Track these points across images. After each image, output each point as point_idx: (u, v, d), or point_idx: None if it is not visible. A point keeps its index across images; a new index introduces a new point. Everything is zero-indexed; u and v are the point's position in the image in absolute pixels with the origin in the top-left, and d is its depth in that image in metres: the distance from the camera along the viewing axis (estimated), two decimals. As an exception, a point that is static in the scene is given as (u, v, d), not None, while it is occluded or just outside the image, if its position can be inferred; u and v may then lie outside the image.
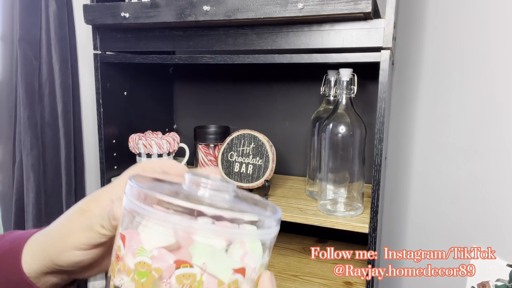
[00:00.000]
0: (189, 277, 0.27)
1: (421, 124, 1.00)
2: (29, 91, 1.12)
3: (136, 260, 0.27)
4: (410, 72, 1.00)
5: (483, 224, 0.86)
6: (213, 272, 0.27)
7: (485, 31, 0.84)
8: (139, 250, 0.27)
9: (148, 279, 0.27)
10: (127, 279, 0.27)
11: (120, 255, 0.28)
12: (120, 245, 0.28)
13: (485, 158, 0.85)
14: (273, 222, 0.32)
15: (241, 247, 0.29)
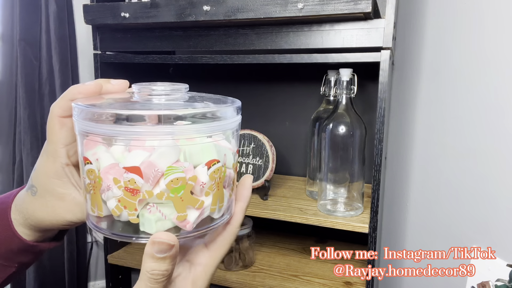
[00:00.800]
0: (218, 171, 0.30)
1: (421, 124, 1.00)
2: (29, 91, 1.12)
3: (168, 179, 0.28)
4: (410, 72, 1.00)
5: (483, 224, 0.86)
6: (228, 162, 0.31)
7: (485, 31, 0.84)
8: (168, 169, 0.28)
9: (186, 190, 0.28)
10: (159, 201, 0.28)
11: (139, 187, 0.28)
12: (133, 178, 0.28)
13: (485, 158, 0.85)
14: (234, 112, 0.32)
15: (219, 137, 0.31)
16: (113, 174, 0.28)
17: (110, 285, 1.04)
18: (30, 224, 0.39)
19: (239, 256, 0.97)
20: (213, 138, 0.30)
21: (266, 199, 0.90)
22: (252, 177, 0.36)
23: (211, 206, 0.30)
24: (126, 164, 0.28)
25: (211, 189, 0.30)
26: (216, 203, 0.31)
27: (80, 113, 0.29)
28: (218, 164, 0.30)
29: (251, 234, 0.98)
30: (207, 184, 0.29)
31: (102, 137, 0.29)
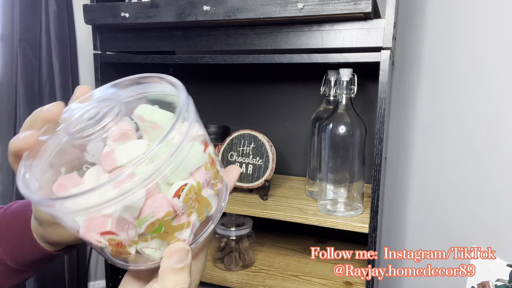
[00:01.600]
0: (190, 191, 0.28)
1: (421, 124, 1.00)
2: (29, 91, 1.12)
3: (143, 228, 0.27)
4: (410, 72, 1.00)
5: (483, 224, 0.86)
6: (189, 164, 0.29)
7: (485, 31, 0.84)
8: (139, 221, 0.27)
9: (166, 225, 0.27)
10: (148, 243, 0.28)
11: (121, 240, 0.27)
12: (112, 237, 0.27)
13: (485, 158, 0.85)
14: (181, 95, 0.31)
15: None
16: (93, 238, 0.27)
17: (110, 285, 1.04)
18: (46, 243, 0.42)
19: (239, 256, 0.97)
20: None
21: (266, 199, 0.90)
22: (239, 169, 0.34)
23: (199, 218, 0.30)
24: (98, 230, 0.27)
25: (191, 208, 0.28)
26: (203, 213, 0.30)
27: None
28: (187, 186, 0.28)
29: (251, 234, 0.98)
30: (184, 208, 0.28)
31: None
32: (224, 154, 0.93)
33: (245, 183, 0.91)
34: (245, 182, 0.91)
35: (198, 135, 0.30)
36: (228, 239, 0.96)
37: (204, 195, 0.29)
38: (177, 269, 0.27)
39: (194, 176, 0.29)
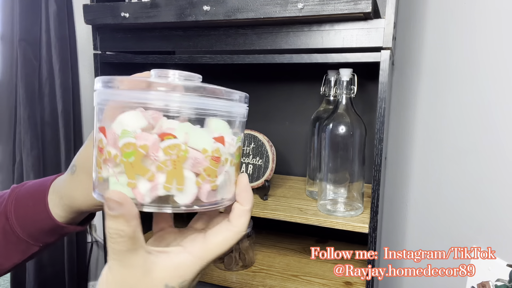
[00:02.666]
0: (174, 147, 0.29)
1: (421, 124, 1.00)
2: (29, 91, 1.12)
3: (121, 142, 0.28)
4: (410, 72, 1.00)
5: (483, 224, 0.86)
6: (196, 141, 0.30)
7: (485, 31, 0.84)
8: (122, 133, 0.29)
9: (136, 157, 0.28)
10: (114, 164, 0.29)
11: (103, 146, 0.30)
12: (101, 138, 0.30)
13: (485, 158, 0.85)
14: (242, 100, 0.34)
15: (211, 123, 0.32)
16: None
17: (110, 285, 1.04)
18: (64, 204, 0.44)
19: (239, 256, 0.97)
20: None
21: (266, 199, 0.90)
22: (247, 176, 0.35)
23: (164, 184, 0.29)
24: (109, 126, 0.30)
25: (164, 165, 0.29)
26: (171, 183, 0.29)
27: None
28: (175, 140, 0.29)
29: (251, 234, 0.98)
30: (159, 157, 0.29)
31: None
32: (224, 154, 0.93)
33: (245, 183, 0.91)
34: (245, 182, 0.91)
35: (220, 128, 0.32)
36: (228, 239, 0.96)
37: (183, 167, 0.29)
38: (110, 216, 0.28)
39: (190, 146, 0.30)
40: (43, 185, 0.46)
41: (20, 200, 0.45)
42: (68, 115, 1.17)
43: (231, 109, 0.32)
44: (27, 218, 0.44)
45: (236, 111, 0.33)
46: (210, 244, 0.32)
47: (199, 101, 0.30)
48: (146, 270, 0.30)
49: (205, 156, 0.30)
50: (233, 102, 0.33)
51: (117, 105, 0.30)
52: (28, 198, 0.45)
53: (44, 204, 0.44)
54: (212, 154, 0.30)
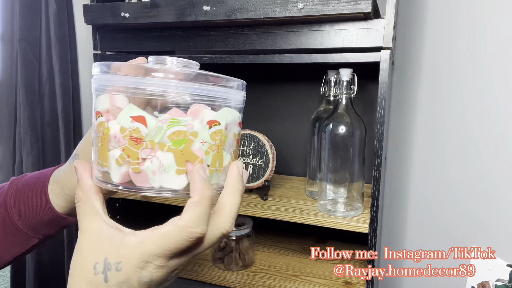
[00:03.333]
0: (219, 133, 0.32)
1: (421, 124, 1.00)
2: (29, 91, 1.12)
3: (170, 131, 0.30)
4: (410, 72, 1.00)
5: (483, 224, 0.86)
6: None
7: (485, 31, 0.84)
8: (172, 121, 0.30)
9: (186, 144, 0.30)
10: (161, 153, 0.30)
11: (143, 136, 0.30)
12: (139, 127, 0.30)
13: (485, 158, 0.85)
14: (241, 87, 0.36)
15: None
16: (120, 123, 0.30)
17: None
18: (65, 193, 0.45)
19: (239, 256, 0.97)
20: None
21: (266, 199, 0.90)
22: (202, 166, 0.31)
23: (210, 167, 0.31)
24: (133, 113, 0.30)
25: (211, 149, 0.31)
26: (215, 165, 0.31)
27: (99, 68, 0.32)
28: (219, 126, 0.31)
29: (251, 234, 0.98)
30: (207, 142, 0.31)
31: (117, 89, 0.31)
32: (224, 154, 0.93)
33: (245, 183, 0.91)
34: (245, 182, 0.91)
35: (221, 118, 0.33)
36: (228, 239, 0.96)
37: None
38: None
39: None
40: (43, 176, 0.46)
41: (20, 192, 0.46)
42: (68, 115, 1.17)
43: (228, 95, 0.33)
44: (27, 209, 0.45)
45: (233, 97, 0.34)
46: (153, 233, 0.30)
47: (196, 87, 0.31)
48: (99, 239, 0.30)
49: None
50: (231, 90, 0.34)
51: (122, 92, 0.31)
52: (27, 189, 0.46)
53: (44, 194, 0.45)
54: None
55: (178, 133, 0.30)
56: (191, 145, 0.30)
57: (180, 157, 0.30)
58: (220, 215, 0.32)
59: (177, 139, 0.30)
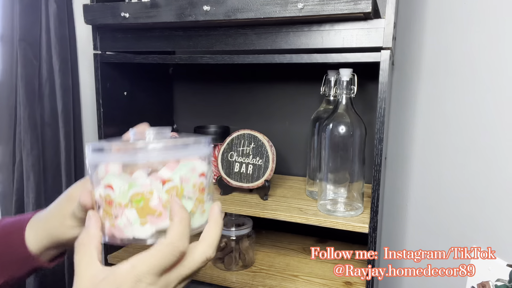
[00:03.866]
0: (173, 189, 0.38)
1: (421, 124, 1.00)
2: (29, 91, 1.12)
3: (130, 193, 0.37)
4: (410, 72, 1.00)
5: (483, 224, 0.86)
6: (187, 179, 0.39)
7: (485, 31, 0.84)
8: (130, 184, 0.38)
9: (145, 202, 0.37)
10: (127, 210, 0.38)
11: (112, 198, 0.38)
12: (109, 193, 0.38)
13: (485, 158, 0.85)
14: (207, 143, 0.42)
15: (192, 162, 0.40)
16: (99, 191, 0.40)
17: (110, 285, 1.04)
18: (45, 233, 0.48)
19: (239, 256, 0.97)
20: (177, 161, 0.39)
21: (266, 199, 0.90)
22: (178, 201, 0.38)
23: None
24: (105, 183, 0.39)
25: (168, 202, 0.38)
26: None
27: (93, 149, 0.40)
28: (172, 183, 0.38)
29: (251, 234, 0.98)
30: (163, 198, 0.38)
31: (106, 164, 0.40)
32: (224, 154, 0.93)
33: (245, 183, 0.91)
34: (245, 182, 0.91)
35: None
36: (228, 239, 0.96)
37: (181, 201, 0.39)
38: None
39: (182, 181, 0.39)
40: (22, 219, 0.50)
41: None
42: (68, 115, 1.17)
43: (189, 152, 0.40)
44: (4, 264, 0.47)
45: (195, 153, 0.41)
46: (143, 255, 0.35)
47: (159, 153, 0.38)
48: (94, 283, 0.35)
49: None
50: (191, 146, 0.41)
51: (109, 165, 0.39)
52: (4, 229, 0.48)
53: (21, 233, 0.48)
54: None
55: (136, 194, 0.37)
56: (149, 202, 0.37)
57: (141, 212, 0.37)
58: (205, 242, 0.38)
59: (137, 199, 0.37)
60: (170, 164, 0.39)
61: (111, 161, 0.39)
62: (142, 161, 0.38)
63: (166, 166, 0.38)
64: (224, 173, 0.92)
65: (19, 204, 1.16)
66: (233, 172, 0.92)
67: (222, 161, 0.93)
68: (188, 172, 0.39)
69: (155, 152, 0.38)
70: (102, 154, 0.39)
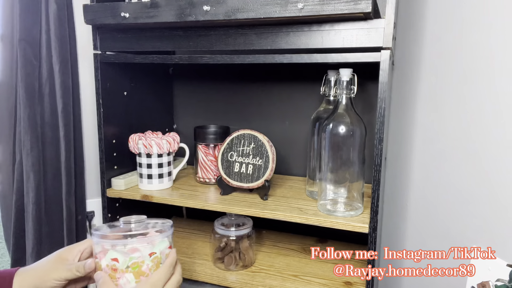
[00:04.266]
0: (155, 258, 0.66)
1: (421, 124, 1.00)
2: (29, 91, 1.12)
3: (131, 263, 0.64)
4: (410, 72, 1.00)
5: (483, 224, 0.86)
6: (163, 252, 0.68)
7: (485, 31, 0.84)
8: (130, 258, 0.64)
9: (139, 268, 0.64)
10: (126, 274, 0.64)
11: (117, 267, 0.64)
12: (115, 263, 0.64)
13: (485, 158, 0.85)
14: (169, 229, 0.71)
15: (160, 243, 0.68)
16: (106, 262, 0.65)
17: (110, 285, 1.04)
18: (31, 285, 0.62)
19: (239, 256, 0.97)
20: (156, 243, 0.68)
21: (266, 199, 0.90)
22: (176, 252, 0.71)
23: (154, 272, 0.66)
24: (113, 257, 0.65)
25: (153, 266, 0.65)
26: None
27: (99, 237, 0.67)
28: (156, 254, 0.66)
29: (251, 234, 0.98)
30: (150, 264, 0.65)
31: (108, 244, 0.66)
32: (224, 154, 0.93)
33: (245, 183, 0.91)
34: (245, 182, 0.91)
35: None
36: (228, 239, 0.96)
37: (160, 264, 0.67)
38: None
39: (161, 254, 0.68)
40: (9, 270, 0.62)
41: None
42: (68, 115, 1.17)
43: (160, 236, 0.68)
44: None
45: (164, 235, 0.69)
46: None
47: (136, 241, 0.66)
48: None
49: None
50: (161, 234, 0.68)
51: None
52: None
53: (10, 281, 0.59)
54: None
55: (134, 263, 0.64)
56: (142, 267, 0.64)
57: (136, 274, 0.64)
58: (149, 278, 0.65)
59: (134, 266, 0.64)
60: (153, 243, 0.66)
61: (115, 244, 0.65)
62: (135, 245, 0.66)
63: (150, 244, 0.66)
64: (224, 173, 0.92)
65: (19, 204, 1.16)
66: (233, 172, 0.92)
67: (222, 161, 0.93)
68: (164, 246, 0.68)
69: (142, 239, 0.66)
70: (106, 239, 0.66)
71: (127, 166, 1.04)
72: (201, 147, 1.02)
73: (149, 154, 0.96)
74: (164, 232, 0.68)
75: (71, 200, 1.19)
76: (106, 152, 0.97)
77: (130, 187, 1.00)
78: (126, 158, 1.03)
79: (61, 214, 1.20)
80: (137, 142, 0.97)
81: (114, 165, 1.00)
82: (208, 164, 1.02)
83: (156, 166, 0.97)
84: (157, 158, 0.96)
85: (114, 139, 0.99)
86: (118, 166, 1.01)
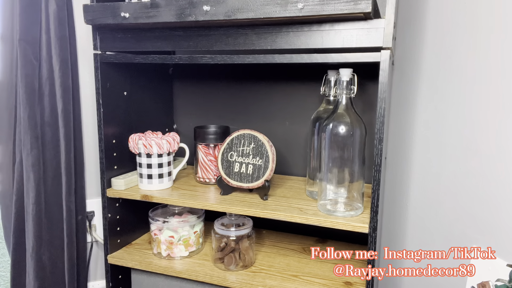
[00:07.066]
0: (197, 235, 1.02)
1: (421, 124, 1.00)
2: (29, 91, 1.12)
3: (181, 237, 0.97)
4: (410, 72, 1.01)
5: (483, 224, 0.86)
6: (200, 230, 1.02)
7: (485, 31, 0.84)
8: (181, 235, 0.97)
9: (186, 241, 0.97)
10: (179, 245, 0.97)
11: (173, 241, 0.96)
12: (171, 239, 0.97)
13: (485, 158, 0.85)
14: (203, 215, 1.04)
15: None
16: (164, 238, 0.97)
17: (110, 285, 1.04)
18: None
19: (239, 256, 0.97)
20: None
21: (266, 199, 0.90)
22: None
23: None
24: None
25: (195, 241, 1.00)
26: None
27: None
28: (198, 232, 1.00)
29: (251, 234, 0.98)
30: (193, 239, 0.99)
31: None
32: (224, 154, 0.93)
33: (245, 183, 0.91)
34: (245, 182, 0.91)
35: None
36: (228, 239, 0.96)
37: None
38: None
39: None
40: None
41: None
42: (68, 115, 1.17)
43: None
44: None
45: None
46: None
47: None
48: None
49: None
50: None
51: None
52: None
53: None
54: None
55: (183, 237, 0.98)
56: (189, 241, 0.97)
57: (186, 246, 0.97)
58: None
59: (184, 239, 0.97)
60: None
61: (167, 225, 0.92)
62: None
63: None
64: (224, 173, 0.92)
65: (19, 204, 1.16)
66: (233, 172, 0.92)
67: (222, 161, 0.93)
68: (201, 227, 0.96)
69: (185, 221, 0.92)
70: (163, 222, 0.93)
71: (127, 166, 1.04)
72: (201, 147, 1.02)
73: (149, 154, 0.96)
74: (201, 216, 0.99)
75: (71, 200, 1.19)
76: (106, 152, 0.97)
77: (130, 187, 1.00)
78: (126, 158, 1.03)
79: (61, 214, 1.20)
80: (137, 142, 0.97)
81: (114, 165, 1.00)
82: (208, 164, 1.02)
83: (156, 166, 0.97)
84: (157, 158, 0.96)
85: (114, 139, 0.99)
86: (118, 166, 1.01)
